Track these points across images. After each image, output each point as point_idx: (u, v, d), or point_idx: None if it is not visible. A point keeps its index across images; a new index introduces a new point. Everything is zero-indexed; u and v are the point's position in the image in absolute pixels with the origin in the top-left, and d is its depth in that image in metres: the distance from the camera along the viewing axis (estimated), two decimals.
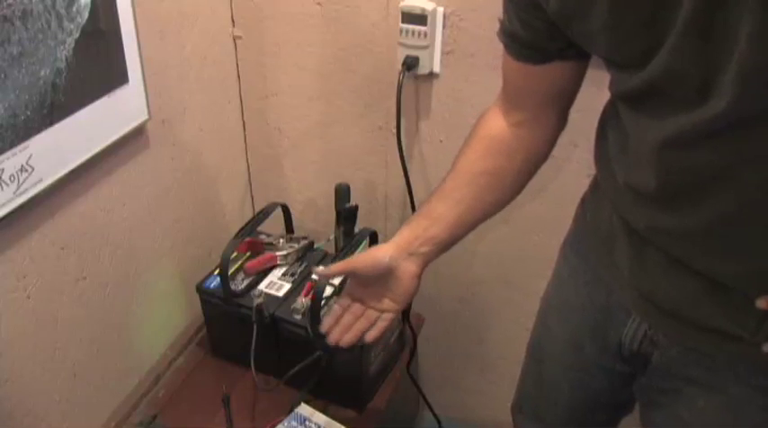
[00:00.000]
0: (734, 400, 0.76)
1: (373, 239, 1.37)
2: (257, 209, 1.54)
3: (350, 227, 1.38)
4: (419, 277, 0.90)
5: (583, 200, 0.93)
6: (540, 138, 0.86)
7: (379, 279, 0.89)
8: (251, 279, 1.32)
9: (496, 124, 0.86)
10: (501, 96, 0.87)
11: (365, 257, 0.90)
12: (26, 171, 0.94)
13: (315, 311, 1.19)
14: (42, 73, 0.93)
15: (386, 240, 1.49)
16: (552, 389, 1.01)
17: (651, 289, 0.77)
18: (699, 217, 0.67)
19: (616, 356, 0.87)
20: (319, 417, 1.25)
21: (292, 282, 1.32)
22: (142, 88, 1.13)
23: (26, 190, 0.95)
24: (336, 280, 1.30)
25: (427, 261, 0.89)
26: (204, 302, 1.35)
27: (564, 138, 1.26)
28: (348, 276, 0.93)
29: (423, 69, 1.25)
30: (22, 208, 0.95)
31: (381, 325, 0.92)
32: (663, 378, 0.83)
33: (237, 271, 1.34)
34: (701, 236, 0.68)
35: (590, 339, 0.90)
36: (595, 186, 0.89)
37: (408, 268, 0.88)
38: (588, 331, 0.90)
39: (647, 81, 0.65)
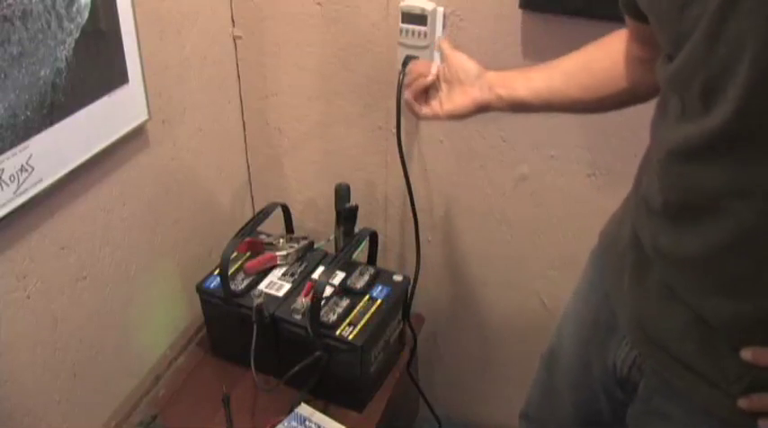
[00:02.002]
0: None
1: (373, 239, 1.38)
2: (257, 209, 1.54)
3: (350, 227, 1.38)
4: (478, 104, 0.98)
5: (614, 214, 0.92)
6: (648, 77, 0.85)
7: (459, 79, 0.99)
8: (251, 279, 1.32)
9: (623, 45, 0.88)
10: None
11: (461, 65, 0.98)
12: (26, 171, 0.94)
13: (315, 311, 1.19)
14: (42, 73, 0.93)
15: (386, 241, 1.51)
16: (558, 403, 1.00)
17: (645, 316, 0.76)
18: (696, 242, 0.65)
19: (613, 379, 0.86)
20: (319, 417, 1.25)
21: (292, 282, 1.32)
22: (142, 88, 1.13)
23: (26, 190, 0.95)
24: (337, 280, 1.30)
25: (498, 101, 0.97)
26: (204, 302, 1.35)
27: (565, 138, 1.26)
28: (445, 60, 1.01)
29: None
30: (22, 208, 0.95)
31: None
32: (642, 411, 0.81)
33: (237, 271, 1.34)
34: (697, 264, 0.67)
35: (597, 357, 0.89)
36: (625, 199, 0.88)
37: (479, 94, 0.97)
38: (596, 348, 0.89)
39: (667, 77, 0.64)
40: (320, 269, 1.35)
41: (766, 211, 0.59)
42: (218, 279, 1.29)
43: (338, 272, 1.31)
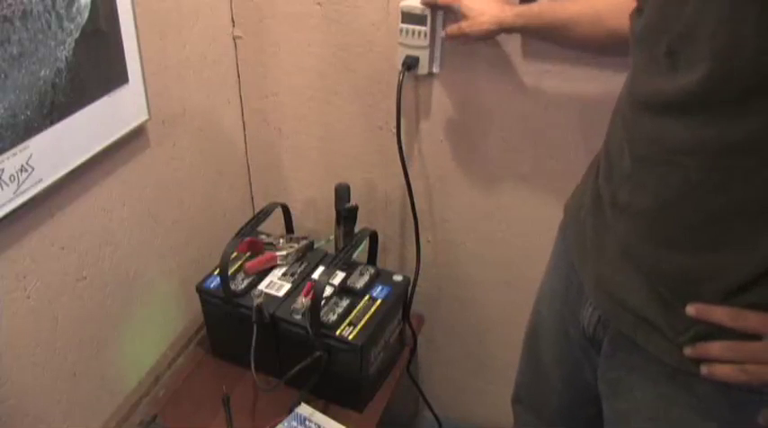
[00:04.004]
0: (663, 395, 0.77)
1: (373, 239, 1.38)
2: (257, 209, 1.54)
3: (350, 227, 1.38)
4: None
5: (576, 187, 0.96)
6: None
7: None
8: (251, 279, 1.32)
9: None
10: None
11: (474, 26, 1.06)
12: (26, 171, 0.94)
13: (315, 311, 1.19)
14: (42, 73, 0.93)
15: (386, 241, 1.51)
16: (547, 380, 1.02)
17: (605, 276, 0.80)
18: (650, 195, 0.69)
19: (586, 343, 0.88)
20: (319, 417, 1.25)
21: (292, 282, 1.32)
22: (142, 88, 1.13)
23: (26, 190, 0.95)
24: (337, 280, 1.30)
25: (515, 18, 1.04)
26: (204, 302, 1.35)
27: (566, 139, 1.26)
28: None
29: (423, 69, 1.25)
30: (22, 208, 0.95)
31: None
32: (610, 366, 0.84)
33: (237, 271, 1.34)
34: (650, 218, 0.70)
35: (572, 325, 0.91)
36: (585, 174, 0.92)
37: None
38: (570, 316, 0.91)
39: (638, 29, 0.67)
40: (320, 269, 1.36)
41: (712, 168, 0.63)
42: (218, 279, 1.29)
43: (338, 272, 1.31)
